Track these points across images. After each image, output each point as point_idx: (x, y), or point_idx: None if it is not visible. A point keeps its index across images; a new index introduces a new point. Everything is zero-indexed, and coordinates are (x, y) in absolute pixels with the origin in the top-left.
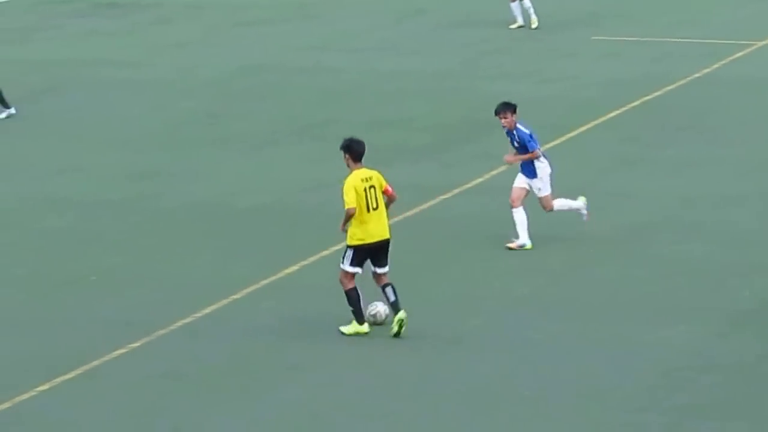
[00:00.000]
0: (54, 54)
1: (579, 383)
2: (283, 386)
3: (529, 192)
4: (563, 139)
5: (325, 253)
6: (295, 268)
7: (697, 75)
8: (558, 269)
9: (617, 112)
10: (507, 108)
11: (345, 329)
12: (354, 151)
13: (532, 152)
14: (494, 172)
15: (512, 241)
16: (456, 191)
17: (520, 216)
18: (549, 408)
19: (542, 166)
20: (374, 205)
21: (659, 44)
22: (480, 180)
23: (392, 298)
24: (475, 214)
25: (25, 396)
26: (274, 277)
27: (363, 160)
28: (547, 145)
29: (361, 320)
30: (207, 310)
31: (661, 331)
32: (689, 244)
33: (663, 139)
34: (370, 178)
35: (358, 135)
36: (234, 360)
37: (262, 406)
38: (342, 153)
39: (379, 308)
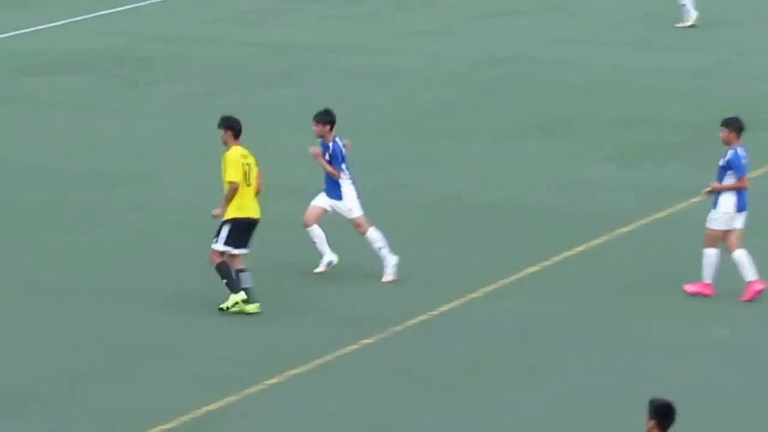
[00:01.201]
0: (293, 38)
1: None
2: (523, 390)
3: (326, 213)
4: None
5: (568, 254)
6: (536, 268)
7: None
8: None
9: None
10: (324, 118)
11: (225, 305)
12: (235, 128)
13: (334, 169)
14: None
15: (320, 266)
16: None
17: (316, 233)
18: None
19: (347, 188)
20: (249, 182)
21: None
22: None
23: (247, 284)
24: None
25: (253, 389)
26: (514, 277)
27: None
28: None
29: (236, 288)
30: (443, 308)
31: None
32: None
33: None
34: (248, 156)
35: (605, 133)
36: (470, 360)
37: (501, 409)
38: (222, 130)
39: None
